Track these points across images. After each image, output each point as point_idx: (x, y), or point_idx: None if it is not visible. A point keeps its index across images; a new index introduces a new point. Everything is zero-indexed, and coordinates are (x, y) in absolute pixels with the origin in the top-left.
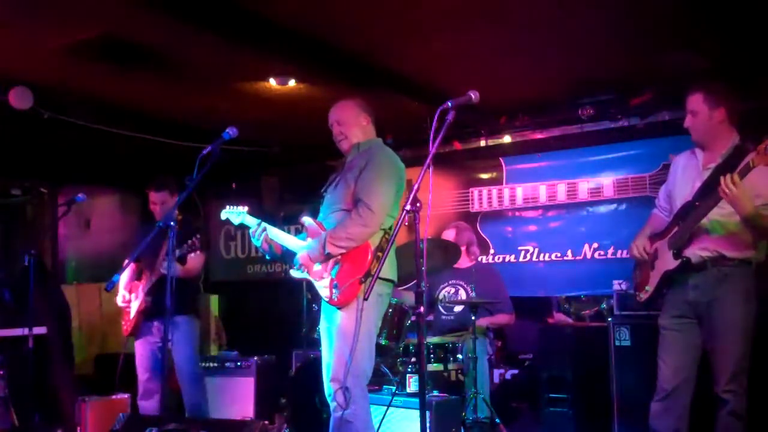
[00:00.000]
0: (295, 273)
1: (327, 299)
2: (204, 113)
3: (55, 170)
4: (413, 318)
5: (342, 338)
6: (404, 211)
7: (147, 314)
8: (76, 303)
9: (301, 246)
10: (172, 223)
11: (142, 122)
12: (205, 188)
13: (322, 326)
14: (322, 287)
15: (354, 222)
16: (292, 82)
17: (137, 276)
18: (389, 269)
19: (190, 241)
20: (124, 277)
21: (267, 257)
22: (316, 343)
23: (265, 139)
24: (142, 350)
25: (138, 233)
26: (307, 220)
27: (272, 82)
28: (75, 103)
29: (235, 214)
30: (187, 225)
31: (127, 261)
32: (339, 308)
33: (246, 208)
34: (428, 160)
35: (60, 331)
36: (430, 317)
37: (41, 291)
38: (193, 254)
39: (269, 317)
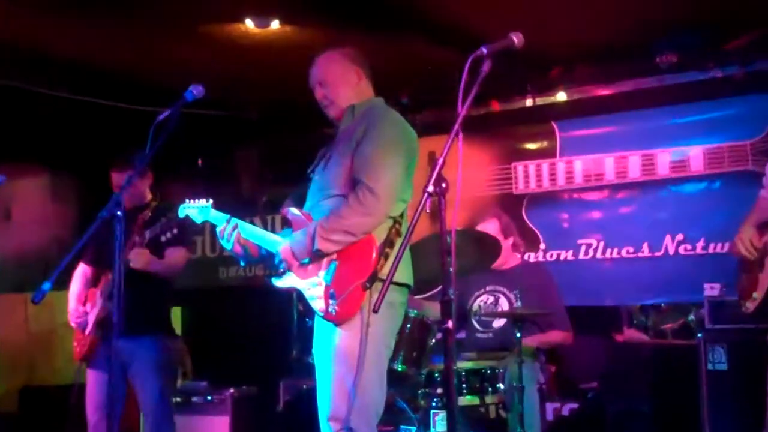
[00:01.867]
0: (279, 281)
1: (322, 313)
2: (162, 66)
3: None
4: (438, 336)
5: (343, 363)
6: (425, 194)
7: (106, 328)
8: None
9: (282, 242)
10: (118, 212)
11: (81, 79)
12: (162, 166)
13: (317, 348)
14: (315, 297)
15: (352, 209)
16: (274, 24)
17: (94, 281)
18: (403, 270)
19: (164, 220)
20: (76, 286)
21: (242, 263)
22: (309, 370)
23: (241, 100)
24: (95, 381)
25: (76, 226)
26: (291, 210)
27: (249, 23)
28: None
29: (197, 209)
30: (171, 212)
31: (66, 259)
32: (338, 324)
33: (210, 201)
34: (457, 126)
35: None
36: (462, 334)
37: None
38: (172, 246)
39: (249, 336)
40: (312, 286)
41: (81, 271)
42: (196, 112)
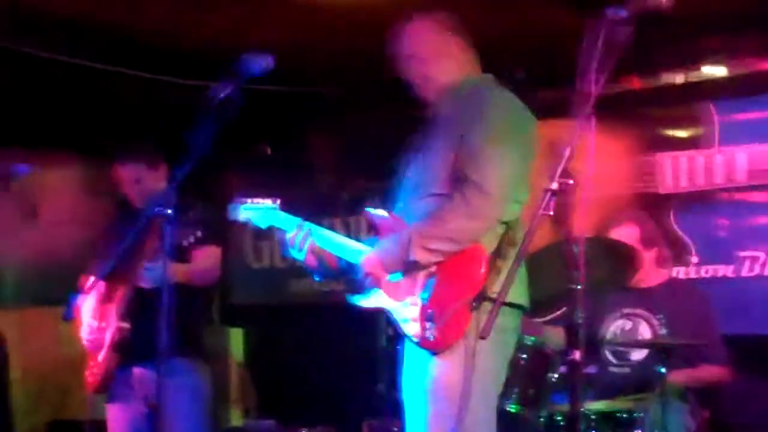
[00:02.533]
0: (362, 300)
1: (416, 338)
2: (219, 34)
3: None
4: (562, 369)
5: (442, 401)
6: (547, 193)
7: (124, 354)
8: (16, 340)
9: (366, 251)
10: (168, 210)
11: (121, 49)
12: (220, 154)
13: (408, 382)
14: (408, 319)
15: (457, 211)
16: None
17: (108, 296)
18: (517, 288)
19: (189, 226)
20: (88, 300)
21: (316, 278)
22: (399, 408)
23: (316, 74)
24: (116, 418)
25: (116, 226)
26: (377, 212)
27: None
28: (14, 21)
29: (260, 211)
30: (190, 211)
31: (95, 272)
32: (436, 352)
33: (277, 202)
34: (588, 107)
35: None
36: (592, 368)
37: None
38: (199, 247)
39: (325, 365)
40: (404, 307)
41: (88, 284)
42: (262, 89)
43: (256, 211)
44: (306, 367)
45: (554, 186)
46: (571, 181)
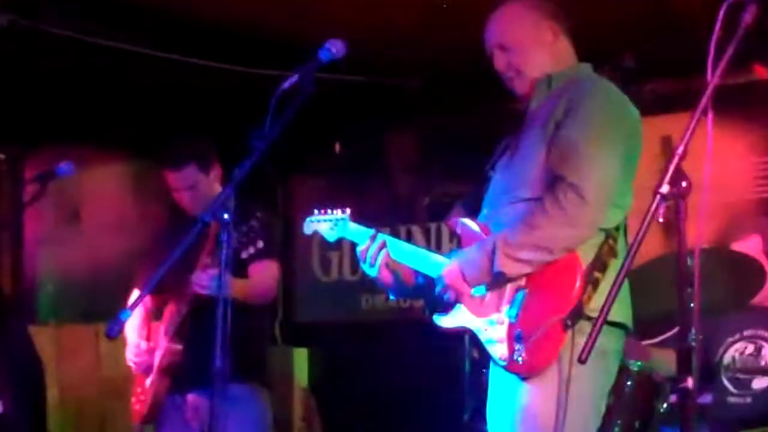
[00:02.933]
0: (443, 319)
1: (503, 361)
2: (287, 18)
3: (21, 120)
4: (673, 399)
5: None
6: (657, 198)
7: (176, 379)
8: (54, 359)
9: (446, 262)
10: (225, 215)
11: (177, 34)
12: (285, 153)
13: (494, 409)
14: (494, 340)
15: (549, 217)
16: None
17: (157, 313)
18: (620, 305)
19: (244, 229)
20: (134, 316)
21: (391, 296)
22: None
23: (396, 63)
24: None
25: (166, 234)
26: (461, 221)
27: None
28: (59, 4)
29: (330, 223)
30: (250, 219)
31: (141, 285)
32: (526, 377)
33: (348, 212)
34: (705, 100)
35: (26, 407)
36: (707, 398)
37: None
38: (258, 261)
39: (402, 389)
40: (489, 325)
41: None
42: (333, 79)
43: (325, 222)
44: (379, 392)
45: (665, 189)
46: (685, 184)
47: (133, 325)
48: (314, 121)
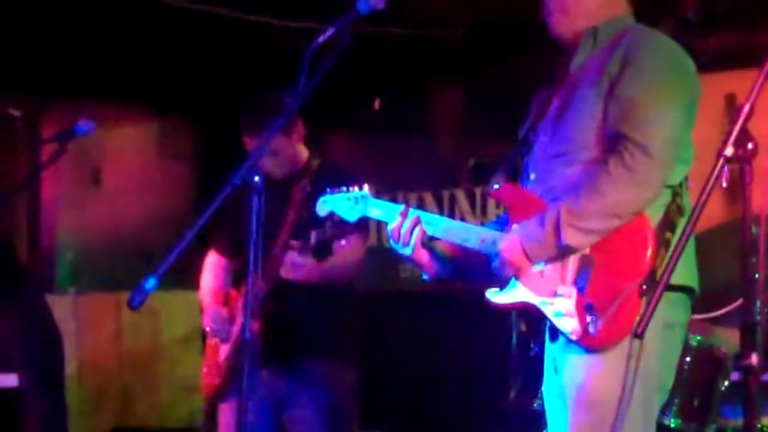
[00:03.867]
0: (500, 296)
1: (575, 336)
2: None
3: (37, 73)
4: (735, 376)
5: (594, 410)
6: (721, 160)
7: (253, 355)
8: (73, 331)
9: (501, 238)
10: (256, 177)
11: None
12: (320, 112)
13: (552, 387)
14: (561, 313)
15: (616, 178)
16: None
17: (234, 281)
18: (686, 267)
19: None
20: (210, 278)
21: (425, 277)
22: (536, 421)
23: (439, 15)
24: (232, 421)
25: (193, 197)
26: (509, 187)
27: None
28: None
29: (348, 201)
30: (333, 175)
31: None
32: (599, 350)
33: (366, 188)
34: None
35: (44, 382)
36: None
37: (9, 306)
38: (344, 240)
39: (444, 366)
40: (555, 299)
41: (215, 261)
42: (373, 32)
43: (343, 201)
44: (420, 369)
45: (729, 152)
46: (751, 146)
47: (209, 288)
48: (352, 78)
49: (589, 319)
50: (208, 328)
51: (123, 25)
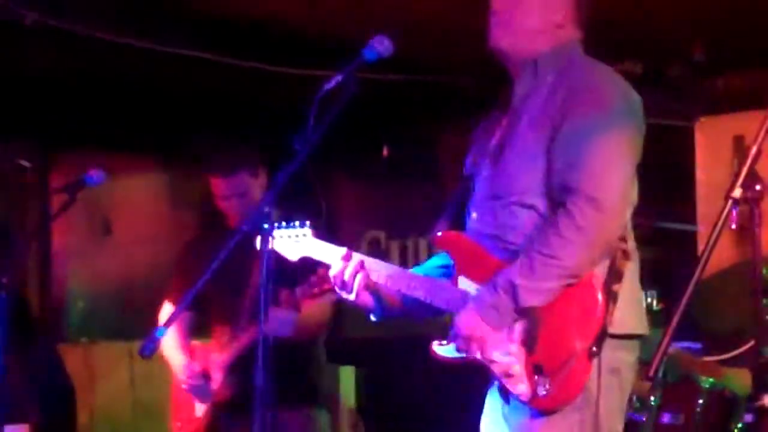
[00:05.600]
0: (445, 351)
1: (525, 398)
2: (333, 13)
3: (47, 125)
4: (748, 419)
5: None
6: (729, 202)
7: (229, 409)
8: (85, 379)
9: (449, 291)
10: (266, 224)
11: (212, 33)
12: (329, 158)
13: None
14: (510, 374)
15: (569, 241)
16: None
17: (198, 330)
18: (632, 313)
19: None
20: (175, 335)
21: (373, 317)
22: None
23: (447, 62)
24: None
25: (202, 243)
26: (446, 235)
27: None
28: (85, 4)
29: (289, 240)
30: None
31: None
32: (545, 413)
33: (308, 226)
34: None
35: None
36: None
37: (20, 356)
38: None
39: (455, 413)
40: (502, 359)
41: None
42: (380, 78)
43: (282, 240)
44: (431, 414)
45: (738, 193)
46: (759, 187)
47: (174, 344)
48: (360, 123)
49: (539, 380)
50: (184, 386)
51: (131, 76)
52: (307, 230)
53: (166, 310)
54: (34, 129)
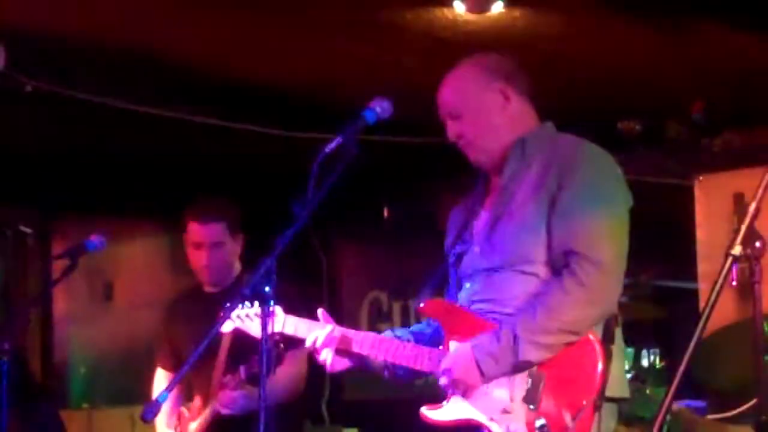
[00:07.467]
0: (434, 413)
1: None
2: (332, 77)
3: (48, 191)
4: None
5: None
6: (729, 259)
7: None
8: None
9: (437, 354)
10: (266, 288)
11: (213, 98)
12: (329, 220)
13: None
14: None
15: (572, 298)
16: (497, 7)
17: (187, 393)
18: (618, 378)
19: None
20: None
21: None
22: None
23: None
24: None
25: (184, 307)
26: (431, 303)
27: (459, 7)
28: (87, 64)
29: (257, 318)
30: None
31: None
32: None
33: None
34: None
35: None
36: None
37: (22, 422)
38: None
39: None
40: (503, 417)
41: (164, 380)
42: (381, 140)
43: (250, 318)
44: None
45: (738, 251)
46: (759, 244)
47: (163, 412)
48: (361, 185)
49: None
50: None
51: (131, 141)
52: (276, 309)
53: (159, 375)
54: (34, 195)
